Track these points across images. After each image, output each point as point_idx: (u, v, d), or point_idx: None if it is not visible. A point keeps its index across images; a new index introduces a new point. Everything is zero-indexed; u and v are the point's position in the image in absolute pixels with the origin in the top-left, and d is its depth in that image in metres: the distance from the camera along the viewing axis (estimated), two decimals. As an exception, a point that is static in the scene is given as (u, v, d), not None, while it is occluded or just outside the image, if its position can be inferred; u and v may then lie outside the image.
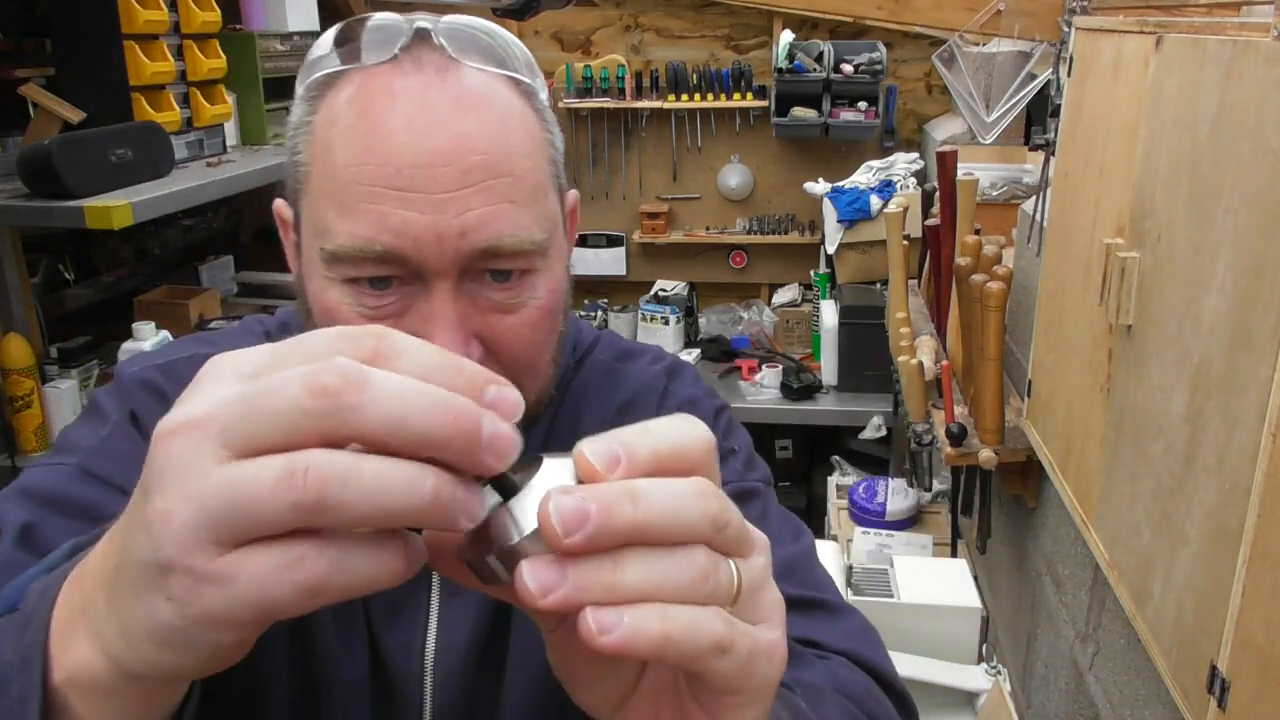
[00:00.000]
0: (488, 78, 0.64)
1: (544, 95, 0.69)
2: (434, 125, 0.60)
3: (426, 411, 0.33)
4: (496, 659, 0.72)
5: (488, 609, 0.71)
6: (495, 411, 0.35)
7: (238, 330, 0.81)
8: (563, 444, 0.81)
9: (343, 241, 0.60)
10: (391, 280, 0.61)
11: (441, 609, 0.71)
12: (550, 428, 0.80)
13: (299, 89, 0.67)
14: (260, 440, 0.33)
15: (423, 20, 0.64)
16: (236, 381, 0.35)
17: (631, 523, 0.35)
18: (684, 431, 0.38)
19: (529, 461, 0.37)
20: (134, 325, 2.19)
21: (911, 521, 2.31)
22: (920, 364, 1.93)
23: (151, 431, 0.68)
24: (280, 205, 0.72)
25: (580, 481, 0.36)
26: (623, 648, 0.34)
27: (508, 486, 0.36)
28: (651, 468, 0.37)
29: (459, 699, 0.71)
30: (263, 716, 0.68)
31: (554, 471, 0.37)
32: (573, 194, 0.73)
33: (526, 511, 0.35)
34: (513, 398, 0.36)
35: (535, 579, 0.34)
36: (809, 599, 0.75)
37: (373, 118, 0.61)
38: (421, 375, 0.34)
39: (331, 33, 0.66)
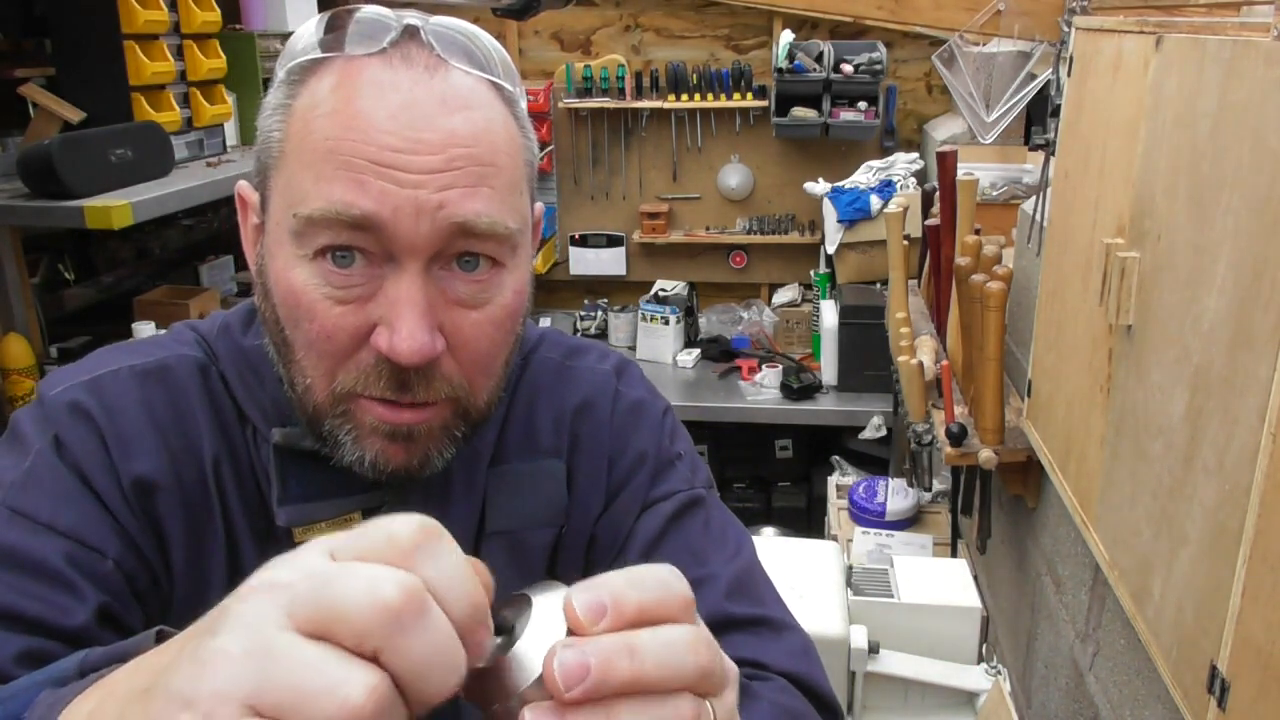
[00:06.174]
0: (473, 80, 0.64)
1: (523, 104, 0.69)
2: (420, 119, 0.60)
3: (447, 671, 0.35)
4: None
5: None
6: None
7: (166, 339, 0.77)
8: (516, 446, 0.81)
9: (319, 205, 0.60)
10: (354, 256, 0.61)
11: None
12: (503, 429, 0.79)
13: (278, 73, 0.66)
14: (324, 632, 0.34)
15: (412, 18, 0.64)
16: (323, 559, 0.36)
17: (628, 676, 0.37)
18: (669, 585, 0.40)
19: (515, 598, 0.41)
20: (134, 325, 2.19)
21: (911, 521, 2.31)
22: (920, 364, 1.93)
23: (79, 458, 0.68)
24: (243, 186, 0.71)
25: (570, 629, 0.38)
26: None
27: (503, 628, 0.40)
28: (636, 619, 0.38)
29: None
30: None
31: (545, 616, 0.40)
32: (539, 206, 0.74)
33: (527, 659, 0.39)
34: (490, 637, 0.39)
35: None
36: (754, 618, 0.76)
37: (358, 104, 0.60)
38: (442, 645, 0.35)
39: (316, 20, 0.65)
